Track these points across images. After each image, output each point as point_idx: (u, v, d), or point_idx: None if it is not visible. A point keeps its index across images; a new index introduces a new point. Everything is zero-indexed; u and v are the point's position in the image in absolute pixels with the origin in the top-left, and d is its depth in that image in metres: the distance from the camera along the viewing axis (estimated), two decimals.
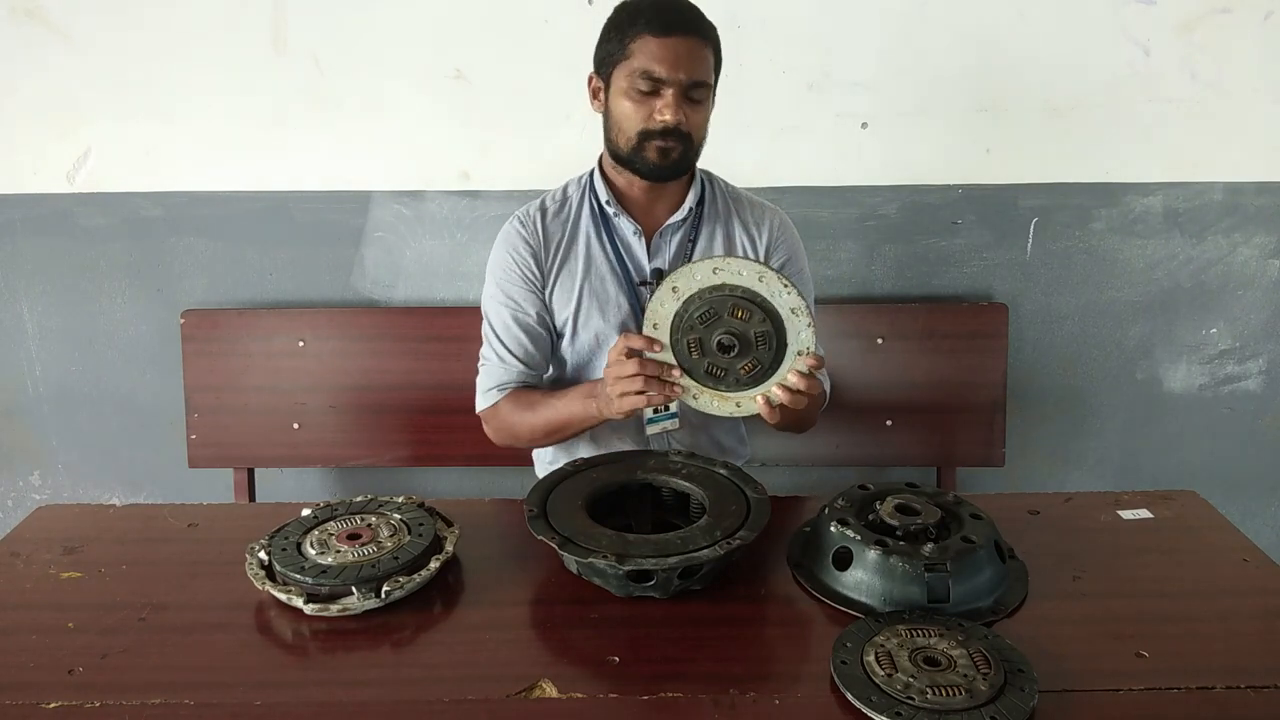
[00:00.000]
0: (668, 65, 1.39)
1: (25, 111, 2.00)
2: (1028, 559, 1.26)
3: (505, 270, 1.56)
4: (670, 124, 1.40)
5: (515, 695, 1.02)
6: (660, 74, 1.39)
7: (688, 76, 1.39)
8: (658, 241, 1.56)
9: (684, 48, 1.39)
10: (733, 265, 1.30)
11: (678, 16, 1.41)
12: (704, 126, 1.48)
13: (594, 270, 1.55)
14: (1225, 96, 2.00)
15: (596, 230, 1.56)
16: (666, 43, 1.39)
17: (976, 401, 2.05)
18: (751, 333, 1.30)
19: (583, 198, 1.58)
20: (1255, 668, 1.06)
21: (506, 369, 1.55)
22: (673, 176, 1.49)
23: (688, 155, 1.46)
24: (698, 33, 1.42)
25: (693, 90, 1.41)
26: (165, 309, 2.11)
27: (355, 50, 1.97)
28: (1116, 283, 2.13)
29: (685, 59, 1.39)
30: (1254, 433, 2.22)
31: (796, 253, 1.62)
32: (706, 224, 1.58)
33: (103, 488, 2.26)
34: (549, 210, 1.57)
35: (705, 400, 1.35)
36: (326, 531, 1.25)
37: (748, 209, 1.61)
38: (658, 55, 1.39)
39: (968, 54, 1.98)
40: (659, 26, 1.39)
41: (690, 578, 1.18)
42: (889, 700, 0.96)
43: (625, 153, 1.46)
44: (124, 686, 1.04)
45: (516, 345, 1.55)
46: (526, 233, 1.55)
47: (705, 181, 1.60)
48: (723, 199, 1.61)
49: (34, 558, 1.30)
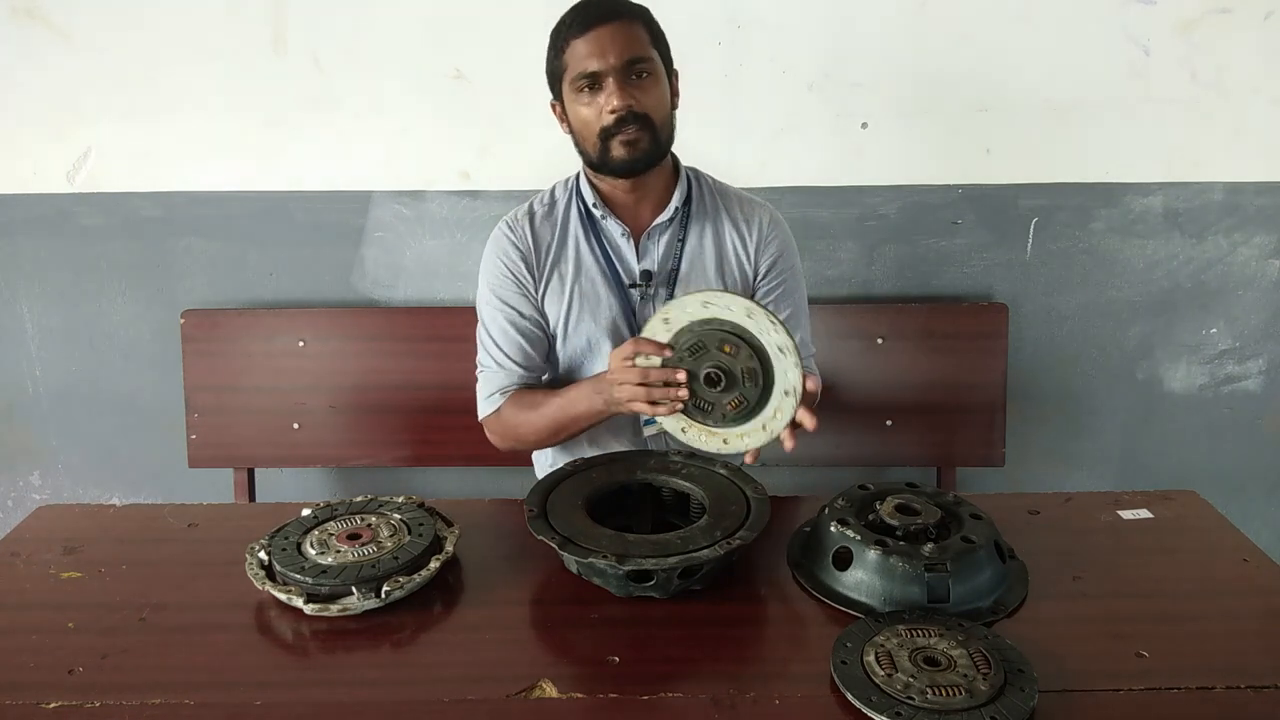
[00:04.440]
0: (597, 56, 1.39)
1: (25, 111, 2.01)
2: (1028, 559, 1.26)
3: (497, 275, 1.56)
4: (619, 109, 1.40)
5: (515, 695, 1.02)
6: (594, 67, 1.39)
7: (619, 58, 1.39)
8: (645, 242, 1.55)
9: (607, 34, 1.39)
10: (723, 300, 1.27)
11: (595, 9, 1.41)
12: (662, 105, 1.45)
13: (584, 273, 1.55)
14: (1225, 96, 2.00)
15: (585, 233, 1.56)
16: (590, 37, 1.39)
17: (976, 401, 2.05)
18: (739, 369, 1.27)
19: (570, 200, 1.58)
20: (1256, 667, 1.06)
21: (506, 374, 1.55)
22: (647, 167, 1.47)
23: (656, 139, 1.44)
24: (619, 16, 1.41)
25: (633, 67, 1.40)
26: (165, 309, 2.11)
27: (355, 50, 1.97)
28: (1116, 283, 2.13)
29: (612, 44, 1.39)
30: (1254, 433, 2.22)
31: (788, 249, 1.62)
32: (695, 222, 1.57)
33: (103, 488, 2.26)
34: (537, 213, 1.57)
35: (693, 435, 1.33)
36: (326, 531, 1.25)
37: (737, 206, 1.60)
38: (587, 52, 1.40)
39: (968, 54, 1.98)
40: (580, 26, 1.40)
41: (690, 578, 1.18)
42: (889, 700, 0.96)
43: (595, 158, 1.46)
44: (124, 686, 1.04)
45: (514, 349, 1.55)
46: (515, 237, 1.55)
47: (691, 179, 1.59)
48: (710, 196, 1.60)
49: (34, 558, 1.30)
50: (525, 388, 1.56)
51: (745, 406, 1.29)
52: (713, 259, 1.57)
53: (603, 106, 1.41)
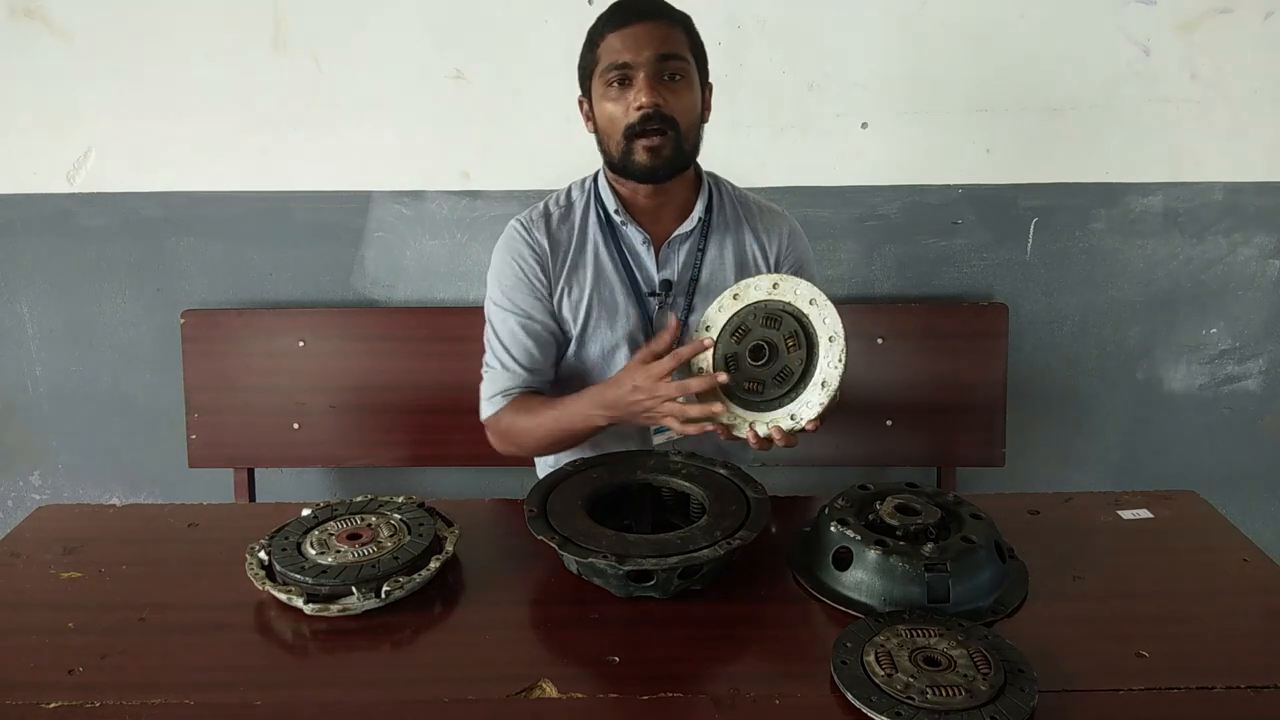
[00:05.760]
0: (631, 50, 1.37)
1: (25, 111, 2.01)
2: (1028, 559, 1.26)
3: (510, 277, 1.52)
4: (647, 106, 1.37)
5: (515, 695, 1.02)
6: (626, 59, 1.37)
7: (654, 52, 1.37)
8: (666, 251, 1.52)
9: (644, 30, 1.38)
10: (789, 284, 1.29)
11: (636, 5, 1.40)
12: (691, 111, 1.42)
13: (604, 279, 1.52)
14: (1225, 96, 2.00)
15: (605, 239, 1.52)
16: (627, 32, 1.38)
17: (976, 401, 2.05)
18: (781, 342, 1.28)
19: (588, 204, 1.54)
20: (1256, 667, 1.06)
21: (511, 376, 1.52)
22: (669, 175, 1.44)
23: (680, 147, 1.41)
24: (660, 16, 1.40)
25: (666, 65, 1.38)
26: (165, 309, 2.11)
27: (355, 50, 1.97)
28: (1117, 283, 2.13)
29: (647, 39, 1.37)
30: (1254, 433, 2.22)
31: (806, 261, 1.60)
32: (715, 233, 1.54)
33: (103, 488, 2.26)
34: (553, 215, 1.53)
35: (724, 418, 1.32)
36: (326, 531, 1.25)
37: (758, 216, 1.58)
38: (621, 45, 1.38)
39: (968, 54, 1.98)
40: (618, 21, 1.39)
41: (690, 578, 1.18)
42: (889, 700, 0.96)
43: (618, 159, 1.43)
44: (124, 687, 1.04)
45: (522, 352, 1.52)
46: (531, 239, 1.51)
47: (713, 187, 1.56)
48: (731, 205, 1.57)
49: (34, 558, 1.30)
50: (529, 393, 1.53)
51: (784, 391, 1.29)
52: (733, 269, 1.55)
53: (630, 103, 1.38)
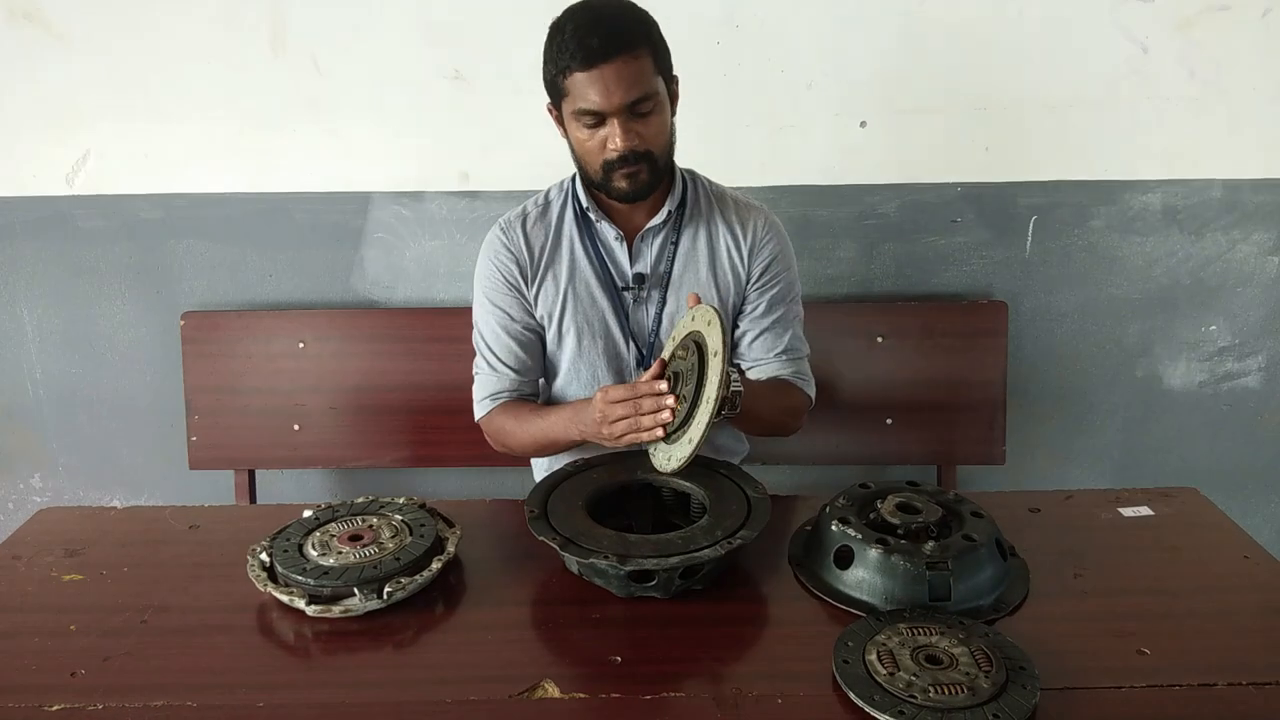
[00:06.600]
0: (602, 97, 1.35)
1: (24, 114, 2.00)
2: (1029, 557, 1.26)
3: (490, 279, 1.57)
4: (623, 150, 1.39)
5: (517, 695, 1.02)
6: (598, 107, 1.36)
7: (624, 98, 1.35)
8: (639, 245, 1.55)
9: (612, 73, 1.34)
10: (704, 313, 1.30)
11: (599, 44, 1.33)
12: (664, 133, 1.44)
13: (578, 274, 1.56)
14: (1223, 94, 2.00)
15: (580, 235, 1.56)
16: (593, 75, 1.35)
17: (977, 399, 2.05)
18: (684, 368, 1.29)
19: (565, 202, 1.58)
20: (1257, 664, 1.06)
21: (499, 377, 1.57)
22: (649, 194, 1.48)
23: (656, 169, 1.44)
24: (623, 50, 1.34)
25: (637, 107, 1.38)
26: (165, 311, 2.11)
27: (355, 51, 1.97)
28: (1116, 280, 2.13)
29: (617, 84, 1.35)
30: (1254, 429, 2.23)
31: (783, 252, 1.61)
32: (688, 225, 1.57)
33: (103, 490, 2.26)
34: (530, 215, 1.57)
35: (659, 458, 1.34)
36: (328, 533, 1.25)
37: (732, 208, 1.60)
38: (590, 90, 1.36)
39: (966, 52, 1.98)
40: (582, 60, 1.34)
41: (691, 577, 1.18)
42: (891, 699, 0.96)
43: (597, 182, 1.46)
44: (126, 689, 1.04)
45: (507, 353, 1.57)
46: (508, 240, 1.56)
47: (687, 181, 1.58)
48: (706, 198, 1.59)
49: (35, 560, 1.30)
50: (520, 397, 1.58)
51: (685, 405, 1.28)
52: (705, 261, 1.57)
53: (605, 142, 1.40)
